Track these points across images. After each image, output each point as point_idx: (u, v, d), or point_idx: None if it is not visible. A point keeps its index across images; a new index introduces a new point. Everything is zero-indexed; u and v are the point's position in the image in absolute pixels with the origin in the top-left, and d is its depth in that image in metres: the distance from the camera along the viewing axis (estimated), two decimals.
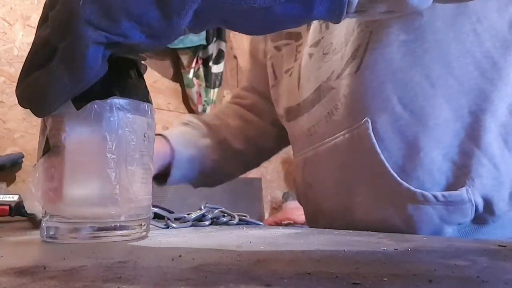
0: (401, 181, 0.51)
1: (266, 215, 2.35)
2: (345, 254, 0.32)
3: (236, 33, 0.36)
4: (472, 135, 0.51)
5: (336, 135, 0.57)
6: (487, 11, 0.52)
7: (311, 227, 0.70)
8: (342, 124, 0.56)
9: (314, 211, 0.66)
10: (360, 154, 0.54)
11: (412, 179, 0.51)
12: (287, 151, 0.78)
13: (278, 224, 2.05)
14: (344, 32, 0.56)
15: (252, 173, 2.40)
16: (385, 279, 0.23)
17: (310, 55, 0.61)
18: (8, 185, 1.44)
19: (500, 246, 0.34)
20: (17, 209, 0.63)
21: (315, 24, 0.61)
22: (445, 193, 0.50)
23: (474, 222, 0.52)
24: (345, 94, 0.55)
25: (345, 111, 0.55)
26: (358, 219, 0.56)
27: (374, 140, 0.52)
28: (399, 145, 0.52)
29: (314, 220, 0.66)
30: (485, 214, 0.51)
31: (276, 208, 2.43)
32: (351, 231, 0.48)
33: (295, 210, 2.16)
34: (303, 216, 0.72)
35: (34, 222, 0.60)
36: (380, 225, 0.53)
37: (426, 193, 0.50)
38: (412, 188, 0.51)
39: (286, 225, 2.03)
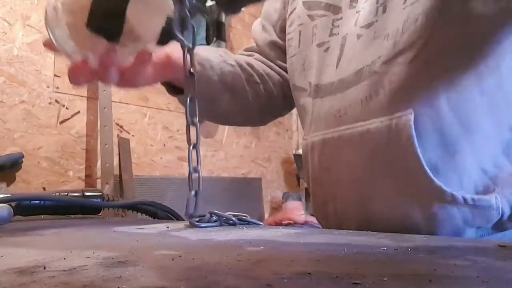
0: (433, 177, 0.50)
1: (266, 215, 2.35)
2: (345, 254, 0.32)
3: (236, 33, 0.37)
4: (507, 151, 0.52)
5: (371, 121, 0.55)
6: None
7: (318, 217, 0.68)
8: (381, 111, 0.54)
9: (325, 199, 0.63)
10: (394, 144, 0.53)
11: (441, 179, 0.51)
12: (287, 151, 0.77)
13: (278, 224, 2.05)
14: (402, 20, 0.55)
15: (252, 173, 2.40)
16: (385, 279, 0.23)
17: (359, 36, 0.59)
18: (8, 185, 1.44)
19: (500, 246, 0.34)
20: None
21: (370, 6, 0.59)
22: (475, 196, 0.50)
23: (494, 228, 0.52)
24: (391, 81, 0.54)
25: (387, 98, 0.54)
26: (374, 211, 0.55)
27: (414, 133, 0.51)
28: (436, 143, 0.51)
29: (323, 208, 0.64)
30: (508, 222, 0.52)
31: (276, 208, 2.43)
32: (351, 231, 0.48)
33: (295, 210, 2.17)
34: (303, 216, 0.72)
35: None
36: (397, 220, 0.53)
37: (456, 194, 0.50)
38: (443, 186, 0.50)
39: (286, 225, 2.03)
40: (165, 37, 0.47)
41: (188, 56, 0.52)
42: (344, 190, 0.59)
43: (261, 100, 0.77)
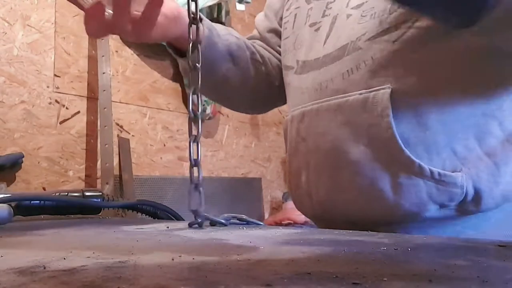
0: (404, 147, 0.52)
1: (266, 215, 2.35)
2: (345, 254, 0.32)
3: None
4: (478, 136, 0.53)
5: (350, 93, 0.58)
6: None
7: (291, 187, 0.70)
8: (360, 84, 0.57)
9: (299, 168, 0.66)
10: (369, 114, 0.55)
11: (411, 152, 0.53)
12: None
13: (278, 224, 2.05)
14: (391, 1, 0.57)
15: (252, 173, 2.40)
16: (385, 279, 0.23)
17: (348, 16, 0.62)
18: (8, 185, 1.44)
19: (500, 246, 0.34)
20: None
21: None
22: (442, 171, 0.52)
23: (457, 210, 0.54)
24: (374, 57, 0.56)
25: (368, 72, 0.57)
26: (344, 179, 0.58)
27: (390, 105, 0.53)
28: (410, 119, 0.54)
29: (296, 177, 0.67)
30: (471, 205, 0.53)
31: (276, 208, 2.43)
32: (351, 231, 0.48)
33: (295, 210, 2.16)
34: (303, 216, 0.72)
35: None
36: (365, 188, 0.55)
37: (424, 165, 0.52)
38: (412, 157, 0.52)
39: (286, 225, 2.03)
40: None
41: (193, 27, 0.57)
42: (317, 158, 0.62)
43: (260, 79, 0.80)
